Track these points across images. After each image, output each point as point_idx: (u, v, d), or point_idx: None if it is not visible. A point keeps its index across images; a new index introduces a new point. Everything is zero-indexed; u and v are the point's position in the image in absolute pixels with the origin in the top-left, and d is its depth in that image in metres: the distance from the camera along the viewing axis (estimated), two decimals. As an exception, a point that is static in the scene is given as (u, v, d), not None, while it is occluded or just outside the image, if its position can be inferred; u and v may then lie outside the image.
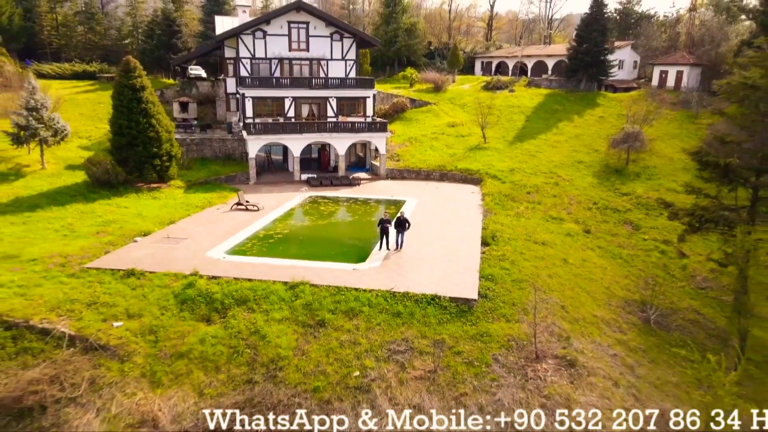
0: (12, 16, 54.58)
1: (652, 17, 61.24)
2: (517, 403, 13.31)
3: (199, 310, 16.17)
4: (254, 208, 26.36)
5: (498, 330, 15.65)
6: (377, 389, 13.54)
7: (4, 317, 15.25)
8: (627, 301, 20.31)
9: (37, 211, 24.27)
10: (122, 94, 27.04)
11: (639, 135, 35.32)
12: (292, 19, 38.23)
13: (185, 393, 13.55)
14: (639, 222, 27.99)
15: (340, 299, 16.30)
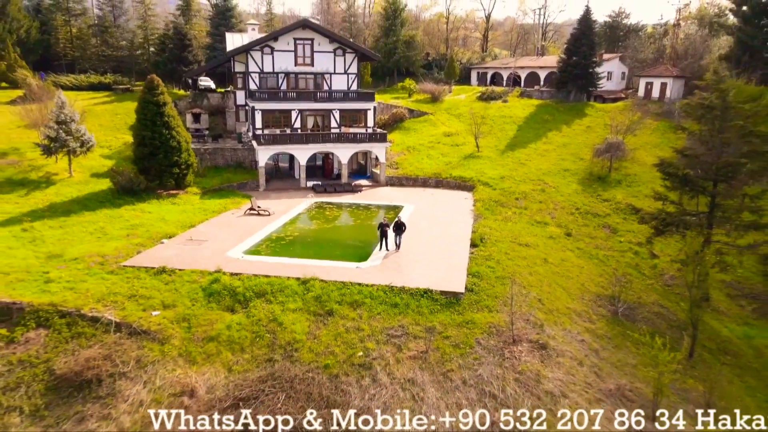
0: (29, 29, 57.41)
1: (640, 30, 64.02)
2: (494, 377, 15.89)
3: (224, 302, 18.76)
4: (266, 213, 28.99)
5: (481, 318, 18.23)
6: (378, 366, 16.12)
7: (59, 307, 17.84)
8: (599, 296, 22.90)
9: (71, 216, 26.91)
10: (146, 109, 29.74)
11: (620, 145, 37.99)
12: (298, 36, 41.07)
13: (217, 369, 16.14)
14: (617, 226, 30.62)
15: (345, 292, 18.90)
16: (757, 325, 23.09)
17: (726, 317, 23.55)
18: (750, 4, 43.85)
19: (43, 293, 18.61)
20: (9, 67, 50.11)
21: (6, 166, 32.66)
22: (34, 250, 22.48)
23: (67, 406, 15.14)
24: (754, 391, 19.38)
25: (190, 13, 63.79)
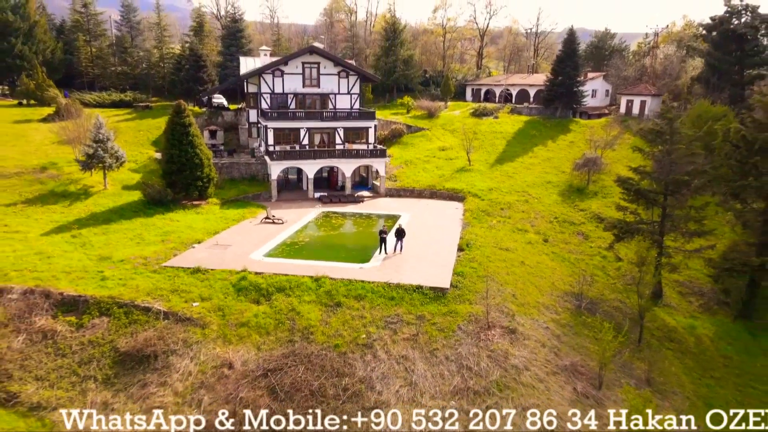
0: (54, 50, 61.81)
1: (623, 50, 68.35)
2: (471, 354, 19.78)
3: (250, 295, 22.69)
4: (279, 222, 32.98)
5: (462, 309, 22.14)
6: (378, 346, 20.03)
7: (116, 299, 21.78)
8: (566, 293, 26.80)
9: (111, 224, 30.92)
10: (175, 130, 33.84)
11: (597, 159, 42.03)
12: (305, 60, 45.28)
13: (248, 348, 20.05)
14: (589, 233, 34.58)
15: (351, 288, 22.82)
16: (701, 317, 26.97)
17: (676, 311, 27.44)
18: (719, 31, 48.04)
19: (101, 288, 22.56)
20: (37, 86, 54.17)
21: (47, 179, 36.70)
22: (86, 253, 26.45)
23: (131, 375, 19.06)
24: (691, 370, 23.28)
25: (202, 34, 68.09)
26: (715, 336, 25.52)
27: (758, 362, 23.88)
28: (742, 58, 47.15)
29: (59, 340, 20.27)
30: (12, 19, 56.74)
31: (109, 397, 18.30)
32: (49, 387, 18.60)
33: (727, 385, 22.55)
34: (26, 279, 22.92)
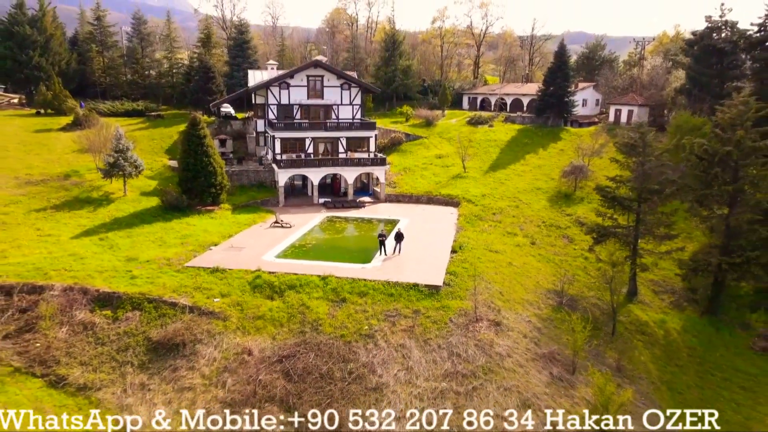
0: (69, 61, 64.66)
1: (613, 61, 71.26)
2: (460, 343, 22.52)
3: (265, 292, 25.43)
4: (287, 226, 35.75)
5: (454, 304, 24.88)
6: (378, 336, 22.77)
7: (146, 295, 24.54)
8: (549, 290, 29.56)
9: (133, 228, 33.71)
10: (191, 141, 36.65)
11: (584, 167, 44.84)
12: (310, 73, 48.17)
13: (264, 338, 22.80)
14: (574, 236, 37.33)
15: (354, 285, 25.57)
16: (672, 313, 29.70)
17: (649, 307, 30.18)
18: (699, 46, 50.87)
19: (132, 286, 25.32)
20: (55, 96, 57.00)
21: (71, 186, 39.49)
22: (114, 254, 29.22)
23: (163, 361, 21.79)
24: (658, 359, 26.03)
25: (210, 44, 70.96)
26: (682, 329, 28.26)
27: (719, 353, 26.62)
28: (722, 72, 49.88)
29: (98, 331, 23.02)
30: (30, 32, 59.60)
31: (145, 379, 21.05)
32: (92, 371, 21.35)
33: (689, 372, 25.31)
34: (64, 277, 25.69)
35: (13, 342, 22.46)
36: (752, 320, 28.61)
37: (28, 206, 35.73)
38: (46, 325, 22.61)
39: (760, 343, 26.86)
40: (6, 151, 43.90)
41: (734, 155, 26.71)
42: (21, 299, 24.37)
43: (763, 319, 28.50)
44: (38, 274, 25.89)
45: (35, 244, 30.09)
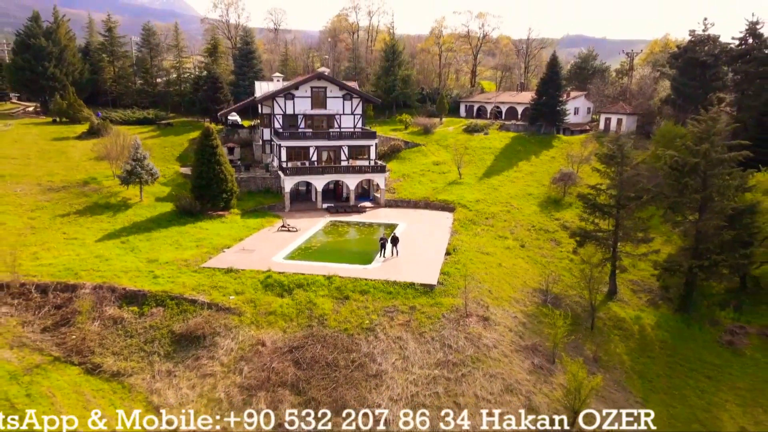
0: (82, 71, 67.45)
1: (605, 70, 74.01)
2: (452, 336, 25.10)
3: (275, 290, 28.03)
4: (294, 229, 38.37)
5: (447, 301, 27.48)
6: (378, 329, 25.36)
7: (168, 293, 27.14)
8: (535, 289, 32.16)
9: (152, 231, 36.34)
10: (204, 151, 39.33)
11: (572, 174, 47.47)
12: (314, 85, 50.89)
13: (276, 331, 25.40)
14: (561, 239, 39.89)
15: (357, 284, 28.17)
16: (647, 310, 32.26)
17: (627, 305, 32.73)
18: (683, 59, 53.58)
19: (155, 284, 27.93)
20: (69, 105, 59.75)
21: (91, 192, 42.16)
22: (136, 256, 31.85)
23: (186, 351, 24.40)
24: (632, 351, 28.62)
25: (217, 54, 73.72)
26: (656, 325, 30.82)
27: (688, 346, 29.18)
28: (705, 83, 52.56)
29: (126, 324, 25.64)
30: (45, 44, 62.36)
31: (171, 367, 23.65)
32: (123, 360, 23.96)
33: (659, 363, 27.88)
34: (93, 277, 28.33)
35: (51, 335, 25.09)
36: (721, 317, 31.17)
37: (53, 211, 38.40)
38: (82, 319, 25.23)
39: (726, 337, 29.43)
40: (27, 159, 46.61)
41: (702, 166, 29.34)
42: (56, 297, 27.03)
43: (730, 316, 31.07)
44: (69, 274, 28.54)
45: (63, 247, 32.73)
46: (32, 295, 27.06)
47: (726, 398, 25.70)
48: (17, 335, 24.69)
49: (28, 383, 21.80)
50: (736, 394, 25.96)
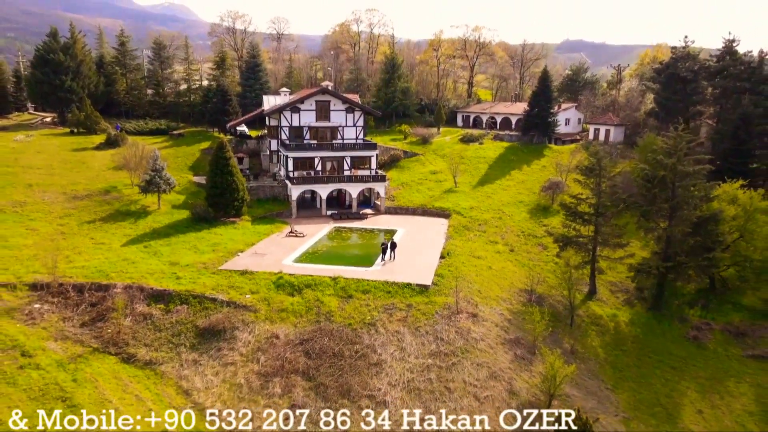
0: (98, 83, 70.88)
1: (595, 83, 77.49)
2: (444, 330, 28.31)
3: (286, 290, 31.24)
4: (301, 235, 41.63)
5: (440, 300, 30.69)
6: (378, 324, 28.57)
7: (191, 292, 30.38)
8: (521, 289, 35.36)
9: (171, 237, 39.60)
10: (218, 162, 42.67)
11: (560, 183, 50.75)
12: (318, 98, 54.30)
13: (288, 326, 28.62)
14: (548, 244, 43.08)
15: (359, 285, 31.38)
16: (623, 309, 35.47)
17: (605, 304, 35.95)
18: (666, 74, 56.99)
19: (178, 285, 31.17)
20: (87, 117, 63.08)
21: (112, 200, 45.47)
22: (159, 259, 35.10)
23: (209, 343, 27.61)
24: (607, 345, 31.84)
25: (224, 66, 77.15)
26: (630, 322, 34.02)
27: (657, 340, 32.37)
28: (686, 97, 55.94)
29: (155, 320, 28.88)
30: (63, 59, 65.77)
31: (196, 356, 26.87)
32: (154, 351, 27.19)
33: (631, 355, 31.09)
34: (123, 278, 31.59)
35: (89, 329, 28.34)
36: (689, 315, 34.39)
37: (79, 218, 41.70)
38: (116, 315, 28.47)
39: (692, 332, 32.62)
40: (52, 169, 49.95)
41: (669, 178, 32.63)
42: (91, 295, 30.30)
43: (698, 314, 34.29)
44: (101, 275, 31.81)
45: (92, 251, 36.00)
46: (70, 294, 30.33)
47: (688, 386, 28.91)
48: (60, 329, 27.95)
49: (74, 370, 25.03)
50: (697, 383, 29.18)
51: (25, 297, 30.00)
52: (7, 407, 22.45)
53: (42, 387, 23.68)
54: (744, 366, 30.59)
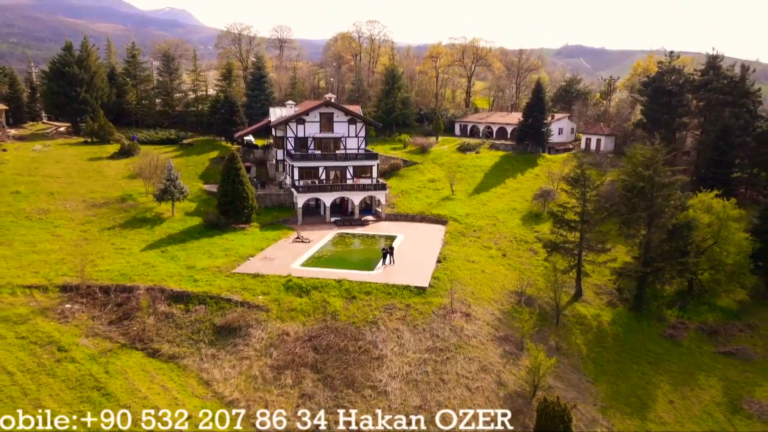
0: (110, 94, 73.95)
1: (587, 94, 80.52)
2: (439, 327, 31.07)
3: (295, 292, 34.01)
4: (307, 241, 44.43)
5: (436, 300, 33.46)
6: (380, 322, 31.33)
7: (208, 294, 33.17)
8: (512, 291, 38.13)
9: (186, 243, 42.40)
10: (229, 172, 45.55)
11: (551, 191, 53.56)
12: (322, 111, 57.26)
13: (297, 324, 31.39)
14: (538, 249, 45.85)
15: (362, 286, 34.16)
16: (607, 309, 38.23)
17: (590, 305, 38.69)
18: (652, 87, 59.96)
19: (196, 287, 33.96)
20: (100, 127, 66.03)
21: (129, 208, 48.34)
22: (176, 263, 37.89)
23: (225, 340, 30.36)
24: (589, 342, 34.59)
25: (231, 77, 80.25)
26: (612, 321, 36.79)
27: (636, 338, 35.13)
28: (672, 109, 58.83)
29: (176, 319, 31.65)
30: (77, 72, 68.85)
31: (214, 351, 29.62)
32: (176, 346, 29.94)
33: (611, 351, 33.85)
34: (145, 280, 34.39)
35: (116, 326, 31.13)
36: (667, 315, 37.17)
37: (100, 225, 44.57)
38: (141, 314, 31.25)
39: (669, 331, 35.39)
40: (71, 178, 52.86)
41: (646, 189, 35.48)
42: (116, 296, 33.11)
43: (675, 314, 37.07)
44: (125, 278, 34.63)
45: (114, 256, 38.81)
46: (97, 295, 33.17)
47: (662, 379, 31.65)
48: (90, 327, 30.75)
49: (105, 363, 27.82)
50: (670, 376, 31.93)
51: (56, 298, 32.85)
52: (48, 395, 25.29)
53: (78, 378, 26.48)
54: (715, 362, 33.34)
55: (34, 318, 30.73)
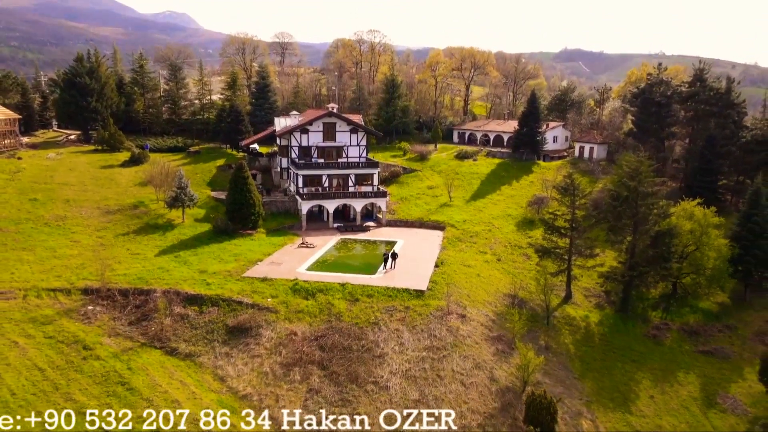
0: (119, 103, 76.39)
1: (581, 102, 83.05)
2: (436, 327, 33.38)
3: (302, 294, 36.28)
4: (311, 246, 46.75)
5: (434, 303, 35.74)
6: (381, 323, 33.63)
7: (220, 296, 35.47)
8: (506, 294, 40.43)
9: (197, 248, 44.73)
10: (237, 181, 47.91)
11: (545, 198, 55.94)
12: (325, 121, 59.66)
13: (304, 325, 33.67)
14: (531, 254, 48.18)
15: (365, 289, 36.43)
16: (595, 311, 40.54)
17: (579, 307, 41.01)
18: (641, 98, 62.45)
19: (209, 290, 36.26)
20: (110, 136, 68.41)
21: (141, 214, 50.68)
22: (189, 268, 40.19)
23: (237, 339, 32.64)
24: (577, 342, 36.91)
25: (236, 87, 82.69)
26: (599, 322, 39.10)
27: (622, 338, 37.44)
28: (660, 119, 61.30)
29: (191, 319, 33.94)
30: (89, 82, 71.30)
31: (228, 350, 31.92)
32: (192, 345, 32.24)
33: (597, 350, 36.15)
34: (161, 284, 36.69)
35: (136, 327, 33.43)
36: (652, 316, 39.50)
37: (114, 231, 46.91)
38: (159, 315, 33.56)
39: (652, 331, 37.70)
40: (84, 185, 55.23)
41: (631, 198, 37.87)
42: (135, 299, 35.42)
43: (659, 316, 39.40)
44: (142, 282, 36.93)
45: (130, 261, 41.13)
46: (117, 298, 35.46)
47: (643, 376, 33.97)
48: (111, 327, 33.07)
49: (128, 360, 30.12)
50: (651, 373, 34.24)
51: (78, 300, 35.17)
52: (78, 390, 27.58)
53: (104, 374, 28.79)
54: (694, 360, 35.67)
55: (59, 319, 33.06)
